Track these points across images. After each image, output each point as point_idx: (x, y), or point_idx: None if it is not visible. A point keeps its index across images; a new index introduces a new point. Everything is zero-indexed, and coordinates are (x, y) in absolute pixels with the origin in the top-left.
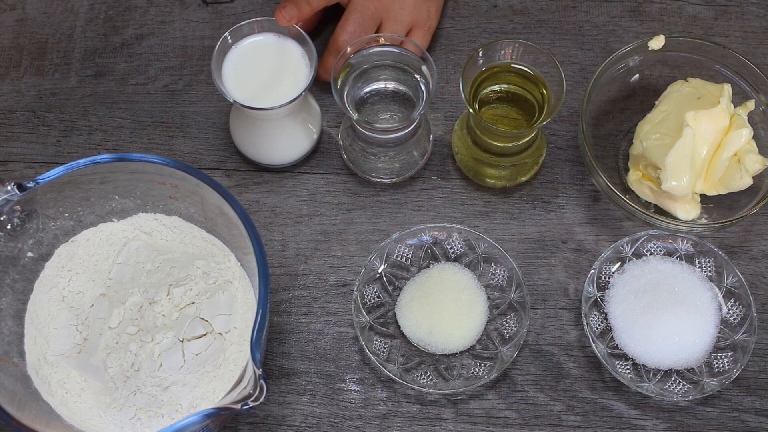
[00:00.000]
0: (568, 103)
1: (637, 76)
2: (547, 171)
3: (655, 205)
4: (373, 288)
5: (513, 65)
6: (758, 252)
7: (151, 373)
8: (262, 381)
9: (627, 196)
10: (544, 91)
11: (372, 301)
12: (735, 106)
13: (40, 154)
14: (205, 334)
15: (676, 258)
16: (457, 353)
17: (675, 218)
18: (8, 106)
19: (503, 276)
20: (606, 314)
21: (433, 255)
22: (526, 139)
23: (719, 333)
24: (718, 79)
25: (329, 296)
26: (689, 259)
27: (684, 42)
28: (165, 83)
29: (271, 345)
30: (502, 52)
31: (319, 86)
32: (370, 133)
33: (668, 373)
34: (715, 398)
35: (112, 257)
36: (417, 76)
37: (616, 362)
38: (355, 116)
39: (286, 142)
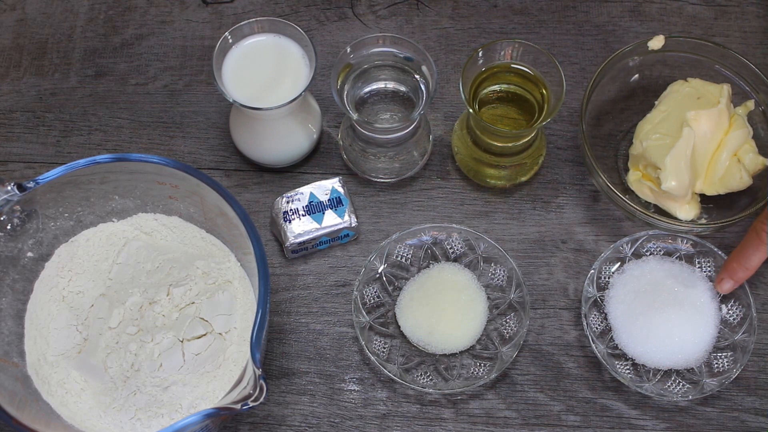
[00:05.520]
0: (568, 103)
1: (637, 76)
2: (547, 171)
3: (655, 205)
4: (373, 288)
5: (513, 65)
6: None
7: (151, 373)
8: (261, 381)
9: (627, 196)
10: (544, 91)
11: (372, 301)
12: (735, 106)
13: (40, 154)
14: (205, 334)
15: (676, 258)
16: (457, 353)
17: (675, 218)
18: (8, 106)
19: (503, 276)
20: (606, 314)
21: (433, 255)
22: (526, 139)
23: (719, 333)
24: (717, 79)
25: (329, 296)
26: (689, 259)
27: (684, 42)
28: (165, 83)
29: (271, 345)
30: (502, 52)
31: (319, 86)
32: (370, 133)
33: (668, 373)
34: (714, 398)
35: (112, 257)
36: (417, 76)
37: (616, 362)
38: (355, 116)
39: (286, 142)
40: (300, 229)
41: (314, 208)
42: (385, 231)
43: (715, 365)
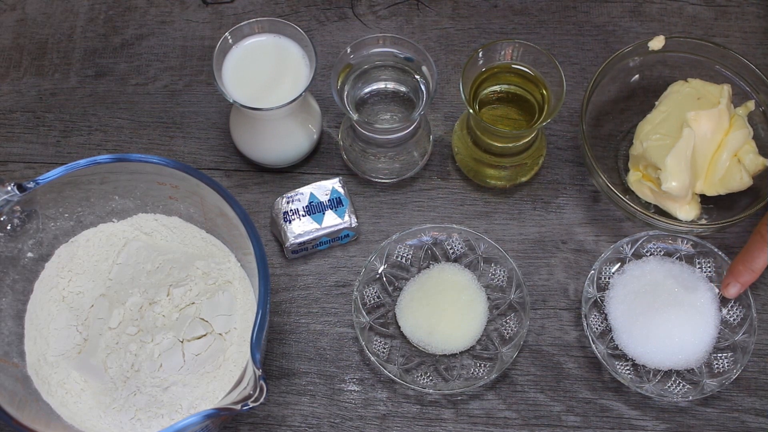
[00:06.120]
0: (568, 103)
1: (637, 76)
2: (547, 171)
3: (655, 206)
4: (373, 288)
5: (513, 66)
6: None
7: (151, 374)
8: (262, 381)
9: (627, 196)
10: (544, 91)
11: (372, 301)
12: (735, 107)
13: (40, 155)
14: (205, 335)
15: (676, 258)
16: (457, 354)
17: (675, 219)
18: (8, 106)
19: (503, 276)
20: (606, 315)
21: (433, 255)
22: (526, 140)
23: (719, 333)
24: (718, 79)
25: (329, 296)
26: (689, 259)
27: (684, 42)
28: (165, 83)
29: (271, 345)
30: (503, 52)
31: (319, 86)
32: (370, 134)
33: (668, 374)
34: (715, 399)
35: (112, 257)
36: (417, 77)
37: (616, 363)
38: (355, 117)
39: (286, 142)
40: (300, 229)
41: (314, 209)
42: (385, 231)
43: (716, 366)
